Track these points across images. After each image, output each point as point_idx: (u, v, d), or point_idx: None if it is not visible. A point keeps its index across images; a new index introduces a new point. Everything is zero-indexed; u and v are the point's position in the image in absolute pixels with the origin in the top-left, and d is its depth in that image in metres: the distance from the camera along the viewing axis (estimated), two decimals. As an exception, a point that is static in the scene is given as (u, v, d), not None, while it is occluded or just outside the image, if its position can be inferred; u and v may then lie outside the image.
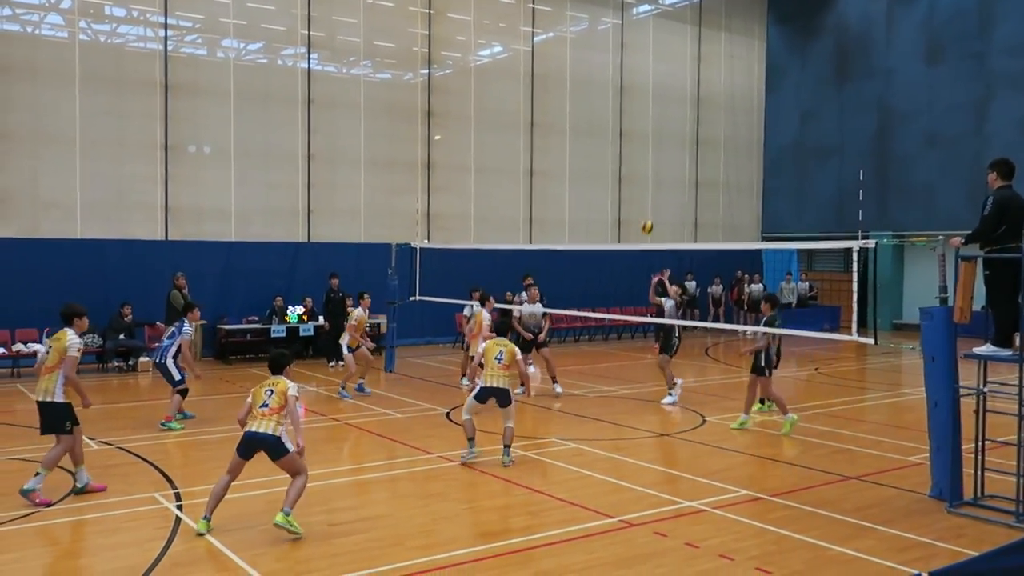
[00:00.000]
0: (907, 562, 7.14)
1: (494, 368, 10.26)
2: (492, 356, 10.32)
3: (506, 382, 10.26)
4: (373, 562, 7.11)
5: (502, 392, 10.23)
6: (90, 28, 19.36)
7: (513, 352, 10.38)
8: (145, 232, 19.60)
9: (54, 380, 8.86)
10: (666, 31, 28.53)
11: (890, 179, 28.10)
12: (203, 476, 9.77)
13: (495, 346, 10.45)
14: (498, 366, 10.25)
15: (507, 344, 10.49)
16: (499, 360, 10.29)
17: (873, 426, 13.07)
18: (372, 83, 22.95)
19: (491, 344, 10.54)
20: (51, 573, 6.97)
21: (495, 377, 10.23)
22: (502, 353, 10.32)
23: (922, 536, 7.84)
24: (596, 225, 26.88)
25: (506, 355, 10.32)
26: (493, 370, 10.26)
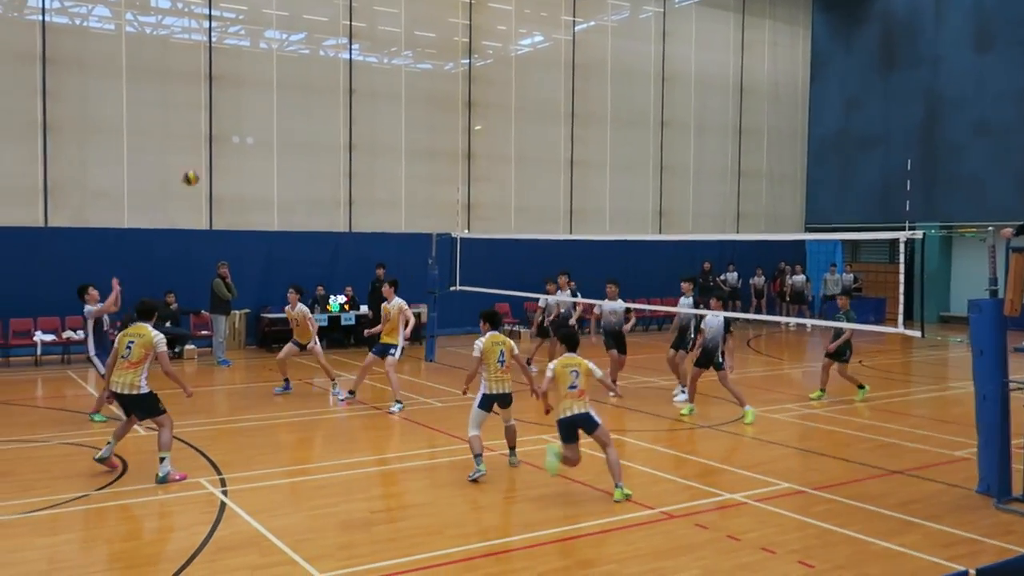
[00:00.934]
0: (953, 558, 7.02)
1: (497, 372, 9.31)
2: (494, 358, 9.29)
3: (510, 385, 9.44)
4: (413, 549, 7.16)
5: (507, 397, 9.42)
6: (136, 20, 19.65)
7: (512, 347, 9.46)
8: (190, 222, 19.89)
9: (139, 374, 9.08)
10: (709, 19, 28.23)
11: (938, 169, 27.56)
12: (248, 462, 9.92)
13: (494, 345, 9.34)
14: (500, 369, 9.29)
15: (506, 341, 9.44)
16: (501, 363, 9.30)
17: (919, 420, 12.87)
18: (413, 73, 23.02)
19: (489, 343, 9.34)
20: (101, 555, 7.12)
21: (499, 381, 9.31)
22: (503, 353, 9.34)
23: (969, 532, 7.70)
24: (637, 215, 26.73)
25: (507, 354, 9.37)
26: (496, 374, 9.30)
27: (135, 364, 9.07)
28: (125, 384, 9.09)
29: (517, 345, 9.81)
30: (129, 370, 9.07)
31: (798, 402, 14.10)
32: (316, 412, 13.04)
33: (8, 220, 17.92)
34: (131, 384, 9.08)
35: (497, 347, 9.30)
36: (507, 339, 9.49)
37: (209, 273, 17.79)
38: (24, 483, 9.02)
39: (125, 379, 9.08)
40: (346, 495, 8.81)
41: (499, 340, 9.39)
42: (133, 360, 9.07)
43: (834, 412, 13.28)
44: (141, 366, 9.08)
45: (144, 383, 9.12)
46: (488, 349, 9.28)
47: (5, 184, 18.07)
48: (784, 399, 14.35)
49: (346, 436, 11.71)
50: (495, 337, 9.40)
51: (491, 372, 9.29)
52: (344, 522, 7.88)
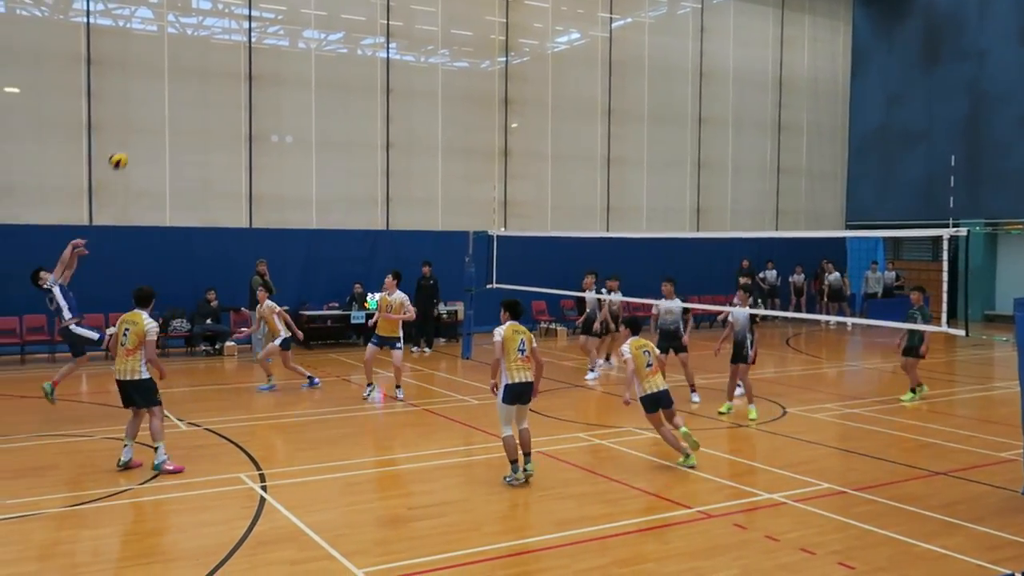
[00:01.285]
0: (998, 561, 6.89)
1: (518, 361, 8.98)
2: (514, 347, 8.98)
3: (531, 375, 9.04)
4: (450, 546, 7.19)
5: (528, 388, 9.04)
6: (178, 21, 19.92)
7: (532, 339, 9.18)
8: (230, 220, 20.13)
9: (138, 360, 9.33)
10: (747, 15, 27.96)
11: (982, 165, 27.03)
12: (287, 458, 10.02)
13: (515, 334, 9.04)
14: (520, 358, 8.98)
15: (526, 331, 9.17)
16: (522, 352, 9.01)
17: (962, 420, 12.64)
18: (450, 71, 23.08)
19: (509, 332, 9.03)
20: (142, 548, 7.24)
21: (520, 371, 8.96)
22: (524, 343, 9.05)
23: (1014, 535, 7.55)
24: (674, 213, 26.56)
25: (527, 344, 9.07)
26: (517, 363, 8.96)
27: (132, 351, 9.32)
28: (126, 371, 9.35)
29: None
30: (127, 357, 9.33)
31: (838, 401, 13.92)
32: (354, 408, 13.13)
33: (54, 219, 18.25)
34: (132, 370, 9.33)
35: (518, 335, 9.01)
36: (527, 330, 9.22)
37: (249, 271, 17.98)
38: (69, 477, 9.20)
39: (126, 366, 9.35)
40: (383, 491, 8.86)
41: (521, 330, 9.11)
42: (130, 347, 9.33)
43: (876, 412, 13.09)
44: (138, 352, 9.31)
45: (144, 369, 9.34)
46: (509, 337, 8.97)
47: (51, 184, 18.42)
48: (824, 399, 14.18)
49: (383, 432, 11.78)
50: (515, 326, 9.11)
51: (511, 362, 8.93)
52: (381, 518, 7.93)
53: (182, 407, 12.78)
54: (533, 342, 9.13)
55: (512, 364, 8.93)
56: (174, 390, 14.40)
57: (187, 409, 12.65)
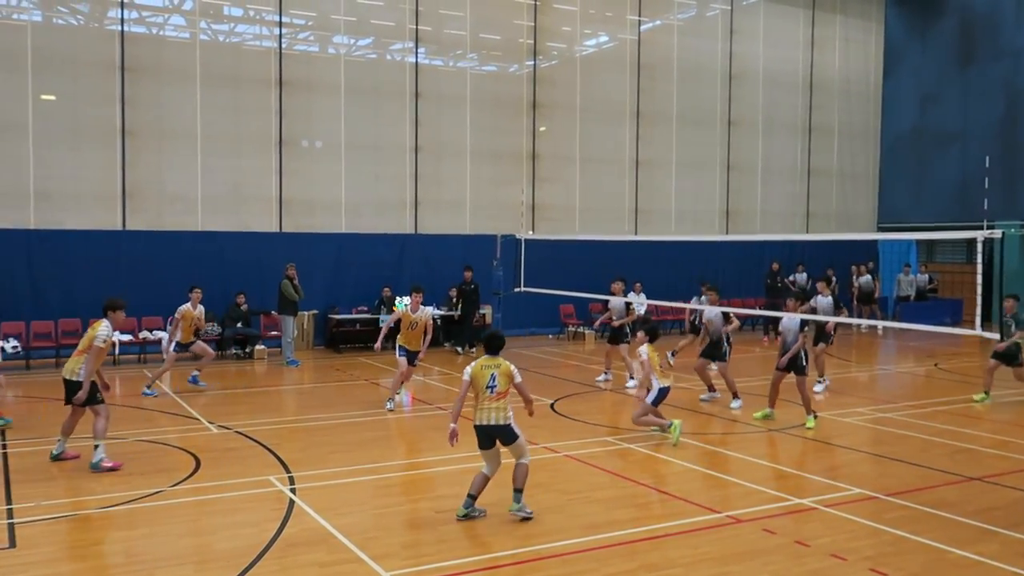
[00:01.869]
0: (1035, 569, 6.78)
1: (486, 399, 7.91)
2: (483, 383, 7.91)
3: (502, 415, 7.88)
4: (480, 549, 7.19)
5: (500, 431, 7.92)
6: (210, 28, 20.15)
7: (509, 374, 7.95)
8: (261, 224, 20.32)
9: (80, 362, 9.69)
10: (778, 16, 27.75)
11: (1019, 166, 26.60)
12: (316, 461, 10.08)
13: (484, 370, 7.95)
14: (489, 396, 7.89)
15: (500, 363, 7.99)
16: (491, 389, 7.90)
17: (998, 425, 12.45)
18: (478, 75, 23.14)
19: (478, 368, 7.99)
20: (174, 550, 7.32)
21: (487, 411, 7.89)
22: (494, 378, 7.92)
23: (1052, 542, 7.43)
24: (704, 215, 26.42)
25: (500, 379, 7.92)
26: (485, 401, 7.91)
27: (80, 353, 9.77)
28: (70, 370, 9.77)
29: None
30: (76, 357, 9.79)
31: (869, 405, 13.76)
32: (383, 412, 13.17)
33: (89, 223, 18.54)
34: (73, 371, 9.74)
35: (487, 371, 7.93)
36: (504, 362, 8.01)
37: (279, 275, 18.13)
38: (103, 479, 9.31)
39: (72, 365, 9.78)
40: (412, 494, 8.89)
41: (490, 364, 8.00)
42: (79, 349, 9.83)
43: (909, 416, 12.93)
44: (83, 356, 9.68)
45: (82, 371, 9.63)
46: (477, 374, 7.96)
47: (87, 189, 18.70)
48: (855, 403, 14.02)
49: (412, 436, 11.82)
50: (486, 360, 8.04)
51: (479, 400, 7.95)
52: (410, 521, 7.96)
53: (213, 410, 12.91)
54: (515, 376, 7.95)
55: (480, 404, 7.92)
56: (205, 393, 14.55)
57: (217, 412, 12.77)
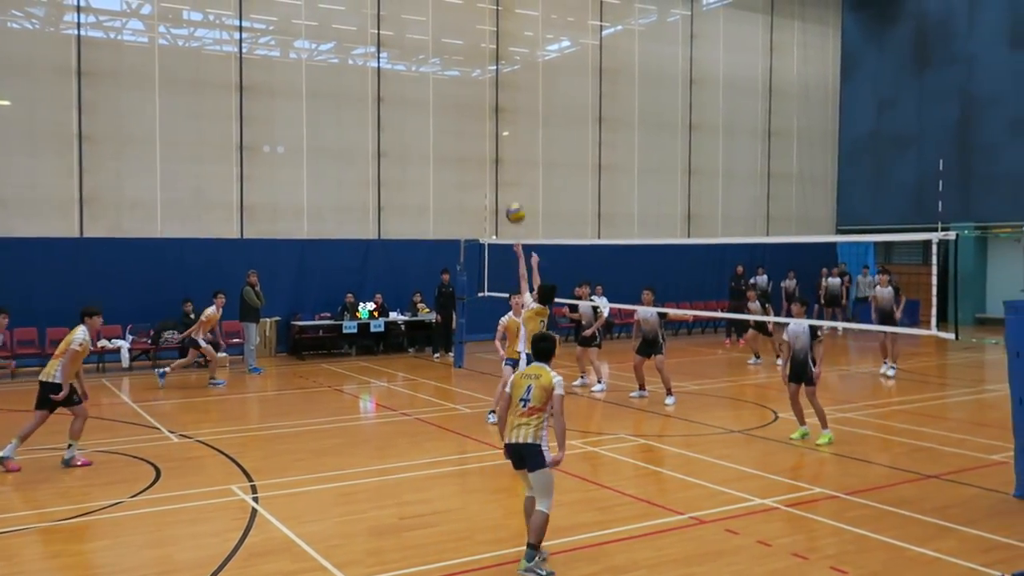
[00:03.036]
0: (991, 564, 6.91)
1: (516, 414, 6.94)
2: (518, 395, 6.96)
3: (531, 433, 6.84)
4: (444, 556, 7.18)
5: (524, 451, 6.88)
6: (169, 33, 19.92)
7: (548, 388, 6.88)
8: (222, 230, 20.11)
9: (56, 365, 10.00)
10: (737, 21, 28.07)
11: (973, 168, 27.16)
12: (279, 469, 10.00)
13: (524, 379, 7.02)
14: (522, 411, 6.89)
15: (542, 374, 6.96)
16: (524, 403, 6.90)
17: (954, 423, 12.68)
18: (441, 80, 23.11)
19: (518, 377, 7.12)
20: (136, 561, 7.21)
21: (516, 427, 6.90)
22: (530, 390, 6.91)
23: (1007, 537, 7.57)
24: (666, 219, 26.62)
25: (536, 392, 6.89)
26: (515, 416, 6.95)
27: (56, 356, 10.11)
28: (45, 373, 10.08)
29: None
30: (53, 361, 10.13)
31: (830, 406, 13.92)
32: (346, 419, 13.10)
33: (45, 231, 18.22)
34: (48, 373, 10.04)
35: (526, 381, 6.99)
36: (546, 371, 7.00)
37: (241, 281, 17.96)
38: (62, 490, 9.16)
39: (48, 368, 10.10)
40: (376, 501, 8.84)
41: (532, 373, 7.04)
42: (56, 353, 10.17)
43: (868, 416, 13.12)
44: (60, 359, 10.03)
45: (59, 374, 9.96)
46: (516, 383, 7.07)
47: (42, 196, 18.38)
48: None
49: (376, 442, 11.76)
50: (528, 369, 7.20)
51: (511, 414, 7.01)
52: (374, 528, 7.92)
53: (173, 419, 12.75)
54: (556, 388, 6.88)
55: (512, 418, 6.97)
56: (166, 402, 14.38)
57: (178, 421, 12.62)
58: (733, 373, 17.96)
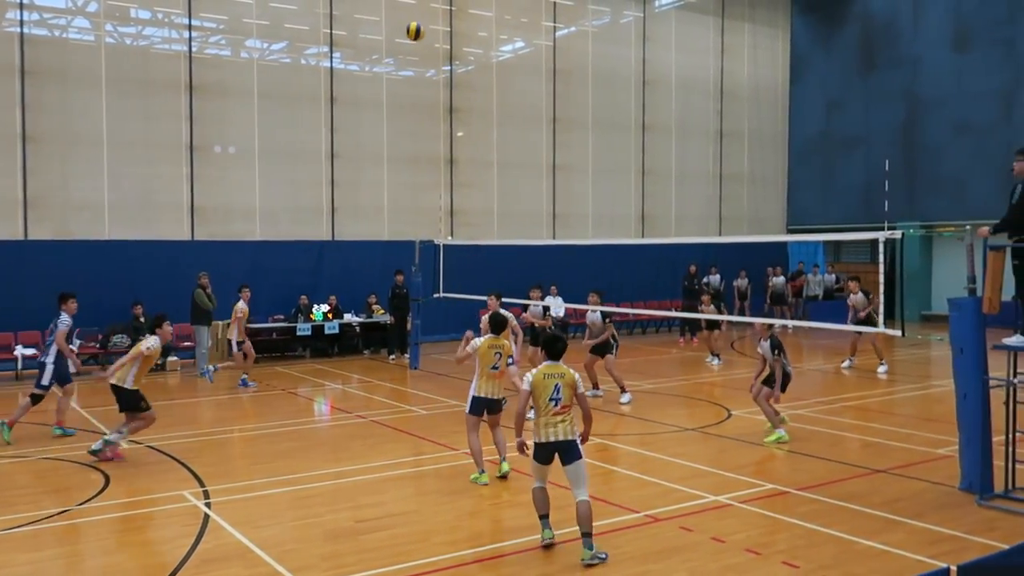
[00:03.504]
0: (937, 555, 7.06)
1: (550, 414, 7.19)
2: (546, 395, 7.21)
3: (570, 429, 7.19)
4: (400, 558, 7.14)
5: (565, 447, 7.18)
6: (116, 31, 19.56)
7: (573, 384, 7.29)
8: (172, 232, 19.80)
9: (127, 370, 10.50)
10: (689, 23, 28.36)
11: (918, 169, 27.77)
12: (232, 474, 9.87)
13: (548, 379, 7.25)
14: (555, 409, 7.18)
15: (564, 372, 7.30)
16: (555, 402, 7.19)
17: (902, 419, 12.94)
18: (394, 81, 23.01)
19: (540, 376, 7.30)
20: (84, 570, 7.07)
21: (551, 426, 7.17)
22: (559, 389, 7.22)
23: (952, 529, 7.75)
24: (620, 219, 26.80)
25: (564, 391, 7.24)
26: (549, 416, 7.19)
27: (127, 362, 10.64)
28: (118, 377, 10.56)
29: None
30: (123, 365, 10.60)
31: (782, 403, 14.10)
32: (301, 422, 12.98)
33: (-12, 233, 17.81)
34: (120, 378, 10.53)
35: (551, 381, 7.22)
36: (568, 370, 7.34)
37: (191, 284, 17.70)
38: (6, 499, 8.94)
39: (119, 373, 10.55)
40: (332, 504, 8.78)
41: (555, 372, 7.31)
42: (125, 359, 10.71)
43: (819, 413, 13.33)
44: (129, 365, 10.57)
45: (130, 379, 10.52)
46: (539, 383, 7.27)
47: (-16, 197, 17.95)
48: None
49: (331, 445, 11.66)
50: (549, 368, 7.36)
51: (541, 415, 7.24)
52: (330, 532, 7.86)
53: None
54: (578, 386, 7.33)
55: (543, 417, 7.21)
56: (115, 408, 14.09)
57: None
58: (687, 372, 18.15)
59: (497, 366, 9.10)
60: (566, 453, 7.14)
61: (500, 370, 9.14)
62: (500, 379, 9.29)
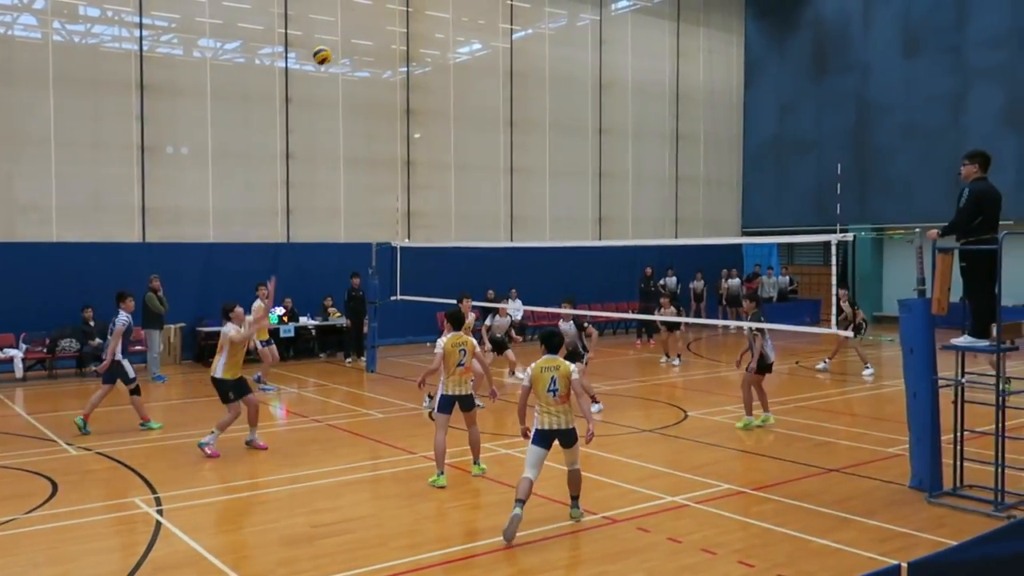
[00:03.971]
0: (888, 553, 7.18)
1: (549, 404, 7.87)
2: (543, 387, 7.88)
3: (568, 419, 7.91)
4: (357, 563, 7.08)
5: (563, 435, 7.92)
6: (64, 29, 19.16)
7: (568, 376, 7.94)
8: (122, 234, 19.43)
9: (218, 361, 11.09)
10: (645, 26, 28.58)
11: (869, 172, 28.28)
12: (185, 480, 9.71)
13: (545, 372, 7.94)
14: (553, 400, 7.86)
15: (559, 365, 7.99)
16: (553, 393, 7.86)
17: (854, 418, 13.15)
18: (351, 81, 22.85)
19: (538, 370, 7.97)
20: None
21: (550, 415, 7.87)
22: (555, 381, 7.88)
23: (903, 527, 7.89)
24: (578, 221, 26.91)
25: (560, 383, 7.88)
26: (548, 406, 7.87)
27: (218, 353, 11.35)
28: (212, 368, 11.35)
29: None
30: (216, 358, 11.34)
31: (737, 404, 14.25)
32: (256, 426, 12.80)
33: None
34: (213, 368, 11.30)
35: (548, 374, 7.92)
36: (563, 362, 8.06)
37: (143, 287, 17.37)
38: (-51, 508, 8.70)
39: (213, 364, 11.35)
40: (288, 510, 8.67)
41: (551, 365, 7.99)
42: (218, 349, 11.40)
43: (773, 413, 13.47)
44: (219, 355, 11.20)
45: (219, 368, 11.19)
46: (537, 376, 7.95)
47: (-74, 198, 17.47)
48: (724, 401, 14.53)
49: (287, 450, 11.52)
50: (546, 361, 8.02)
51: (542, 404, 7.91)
52: (285, 537, 7.76)
53: (71, 431, 12.24)
54: (573, 373, 7.98)
55: (544, 407, 7.87)
56: (63, 413, 13.81)
57: (76, 433, 12.11)
58: (644, 373, 18.26)
59: (463, 363, 9.33)
60: (566, 438, 7.91)
61: (466, 366, 9.38)
62: (467, 374, 9.48)
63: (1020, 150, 24.72)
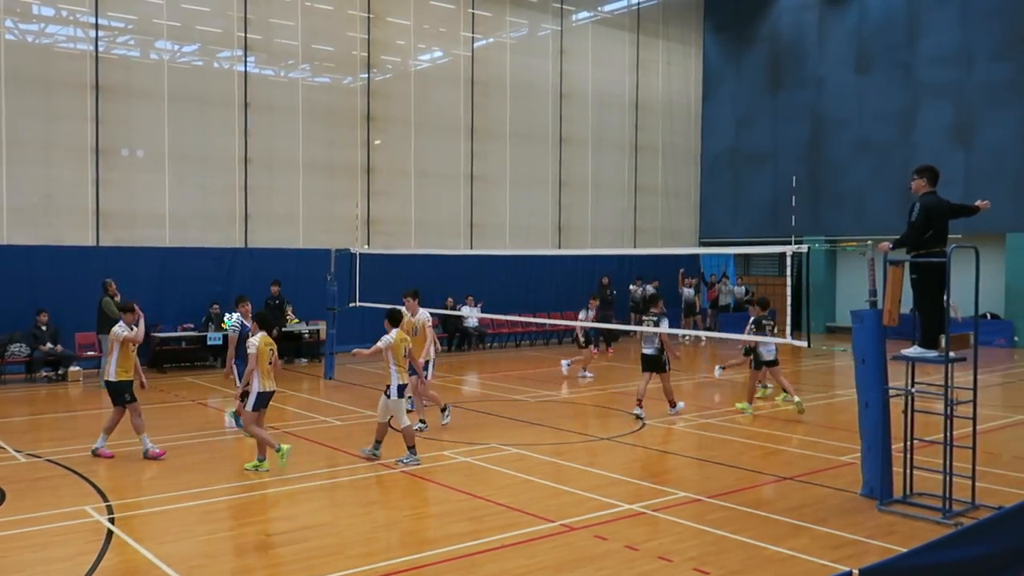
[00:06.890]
0: (840, 559, 7.30)
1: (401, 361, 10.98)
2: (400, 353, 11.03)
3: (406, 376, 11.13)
4: (313, 571, 7.02)
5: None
6: (17, 28, 18.80)
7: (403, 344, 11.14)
8: (75, 238, 19.08)
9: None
10: (605, 37, 28.82)
11: (822, 185, 28.77)
12: (138, 487, 9.56)
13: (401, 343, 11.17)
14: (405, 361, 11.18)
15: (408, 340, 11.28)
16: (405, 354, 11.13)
17: (808, 427, 13.35)
18: (310, 87, 22.72)
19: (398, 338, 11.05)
20: (-24, 591, 6.75)
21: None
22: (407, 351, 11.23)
23: (854, 534, 8.03)
24: (537, 230, 27.00)
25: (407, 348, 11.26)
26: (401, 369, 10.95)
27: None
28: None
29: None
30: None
31: (693, 412, 14.43)
32: (209, 434, 12.65)
33: None
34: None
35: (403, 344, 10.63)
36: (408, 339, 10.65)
37: (96, 291, 17.09)
38: None
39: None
40: (242, 518, 8.58)
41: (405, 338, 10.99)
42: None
43: (728, 422, 13.65)
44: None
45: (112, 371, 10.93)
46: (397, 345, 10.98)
47: None
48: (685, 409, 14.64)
49: (242, 458, 11.39)
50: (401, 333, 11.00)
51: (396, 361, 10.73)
52: (240, 546, 7.68)
53: (19, 437, 11.99)
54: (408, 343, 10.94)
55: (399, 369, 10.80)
56: (12, 419, 13.52)
57: (25, 439, 11.88)
58: (601, 382, 18.35)
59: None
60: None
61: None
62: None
63: (967, 165, 25.33)
